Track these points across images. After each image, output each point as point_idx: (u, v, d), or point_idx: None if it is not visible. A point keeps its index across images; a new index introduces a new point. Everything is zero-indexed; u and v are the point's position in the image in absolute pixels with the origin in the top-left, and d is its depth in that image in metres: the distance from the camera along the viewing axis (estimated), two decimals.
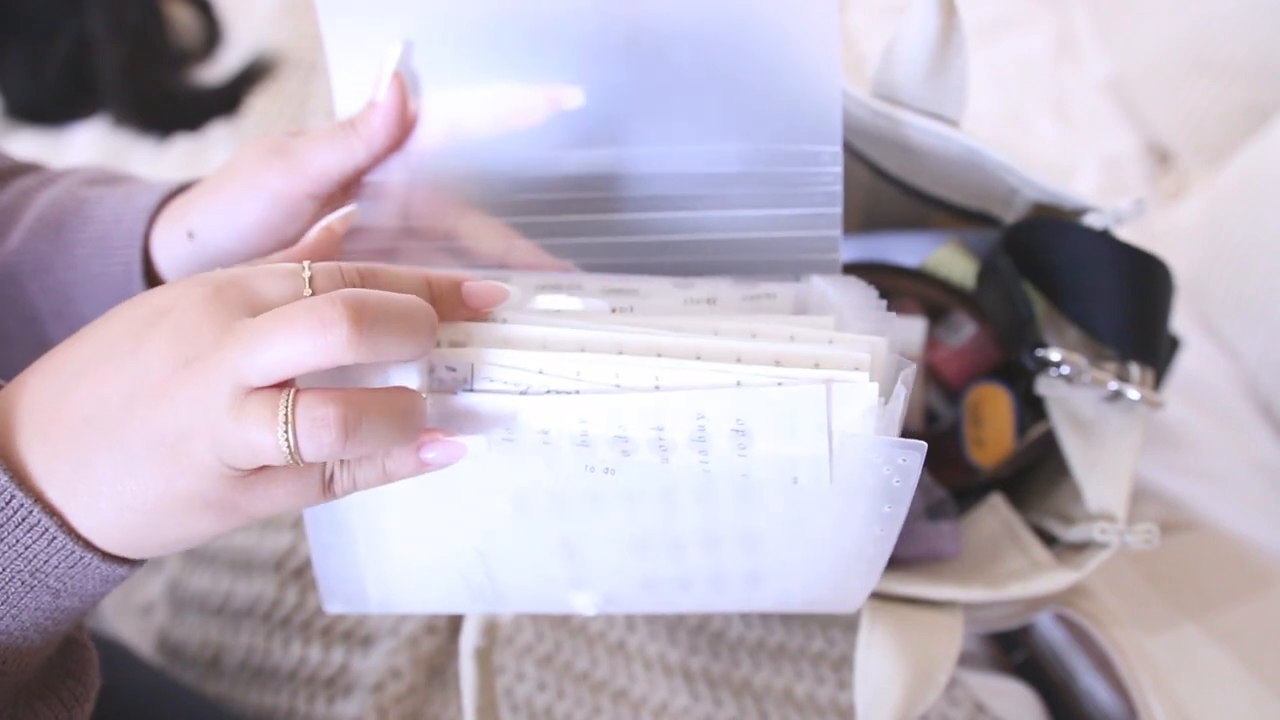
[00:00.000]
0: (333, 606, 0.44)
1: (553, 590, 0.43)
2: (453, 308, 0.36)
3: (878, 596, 0.48)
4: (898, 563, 0.54)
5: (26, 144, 1.05)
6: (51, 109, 1.06)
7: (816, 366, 0.35)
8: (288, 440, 0.30)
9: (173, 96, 1.07)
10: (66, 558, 0.33)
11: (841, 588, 0.42)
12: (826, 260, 0.45)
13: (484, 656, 0.49)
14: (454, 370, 0.35)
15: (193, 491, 0.32)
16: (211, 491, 0.32)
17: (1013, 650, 0.62)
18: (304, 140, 0.43)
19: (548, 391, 0.35)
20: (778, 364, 0.35)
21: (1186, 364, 0.80)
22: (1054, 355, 0.49)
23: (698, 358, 0.35)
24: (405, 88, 0.43)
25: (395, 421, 0.32)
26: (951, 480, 0.58)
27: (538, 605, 0.46)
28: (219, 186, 0.44)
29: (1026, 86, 1.10)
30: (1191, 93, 0.96)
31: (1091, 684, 0.58)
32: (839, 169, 0.44)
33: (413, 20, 0.44)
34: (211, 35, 1.17)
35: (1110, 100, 1.08)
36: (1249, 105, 0.92)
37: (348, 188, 0.46)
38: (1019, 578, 0.49)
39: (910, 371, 0.35)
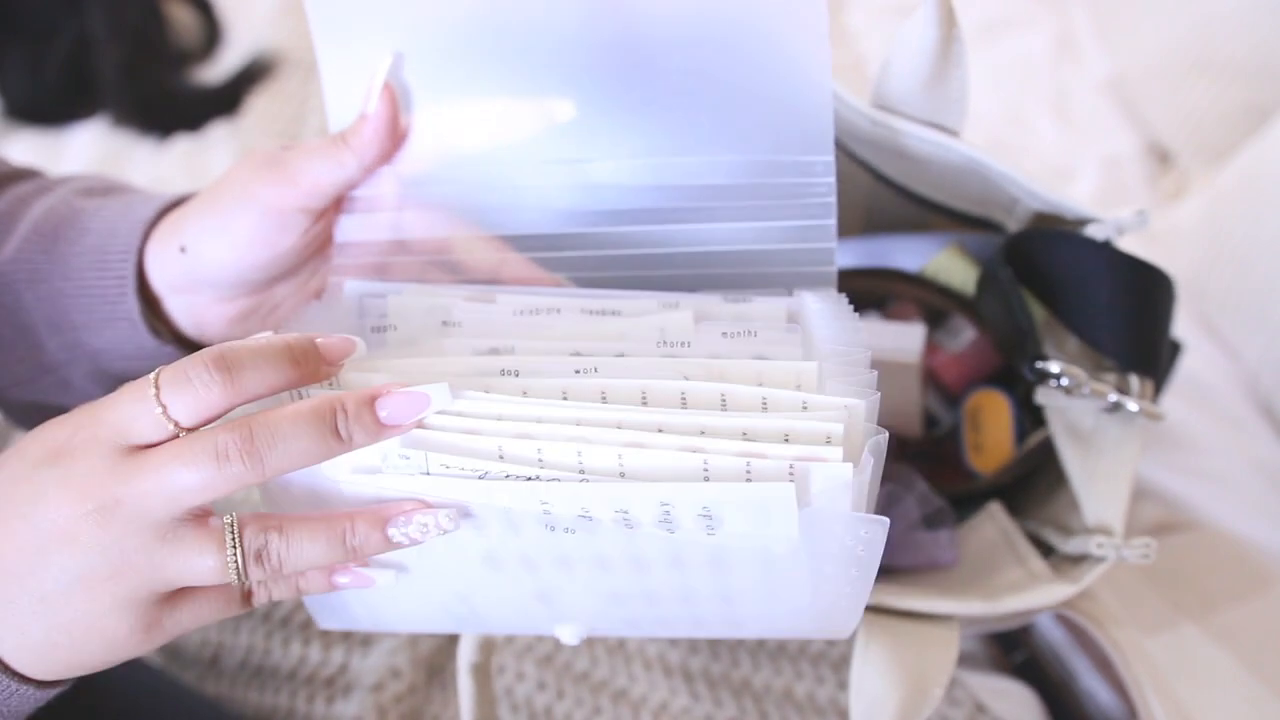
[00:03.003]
0: (326, 624, 0.45)
1: (536, 623, 0.43)
2: (316, 367, 0.36)
3: (873, 610, 0.48)
4: (895, 572, 0.54)
5: (26, 144, 1.05)
6: (51, 109, 1.06)
7: (786, 440, 0.34)
8: (236, 565, 0.34)
9: (173, 96, 1.08)
10: (2, 690, 0.35)
11: (824, 625, 0.42)
12: (821, 272, 0.45)
13: (481, 671, 0.49)
14: (408, 459, 0.35)
15: (117, 622, 0.34)
16: (135, 618, 0.34)
17: (1013, 650, 0.62)
18: (296, 153, 0.43)
19: (507, 476, 0.35)
20: (745, 436, 0.34)
21: (1187, 364, 0.80)
22: (1053, 367, 0.49)
23: (659, 430, 0.35)
24: (396, 99, 0.43)
25: (329, 550, 0.35)
26: (950, 486, 0.58)
27: (523, 632, 0.45)
28: (212, 200, 0.44)
29: (1026, 86, 1.10)
30: (1191, 93, 0.96)
31: (1092, 684, 0.58)
32: (832, 179, 0.44)
33: (404, 34, 0.43)
34: (211, 35, 1.17)
35: (1110, 100, 1.08)
36: (1249, 105, 0.92)
37: (340, 201, 0.45)
38: (1015, 590, 0.49)
39: (881, 440, 0.35)
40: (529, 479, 0.34)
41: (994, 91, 1.09)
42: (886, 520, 0.34)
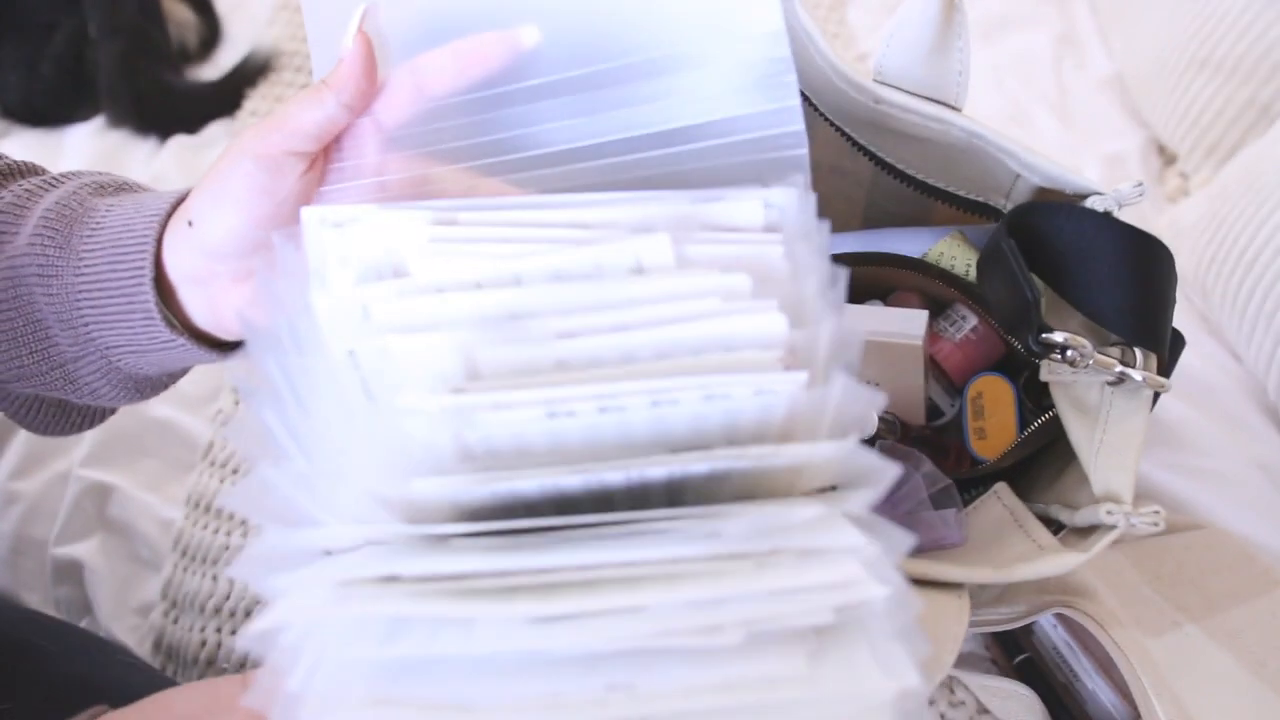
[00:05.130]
0: None
1: None
2: None
3: None
4: None
5: (24, 144, 1.04)
6: (48, 109, 1.06)
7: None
8: None
9: (170, 95, 1.07)
10: None
11: None
12: (792, 156, 0.43)
13: None
14: None
15: None
16: None
17: (1015, 652, 0.62)
18: (281, 105, 0.44)
19: None
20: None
21: (1188, 363, 0.80)
22: (1058, 337, 0.49)
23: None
24: (370, 40, 0.44)
25: None
26: (955, 472, 0.58)
27: None
28: (211, 171, 0.45)
29: (1028, 84, 1.10)
30: (1192, 91, 0.95)
31: (1094, 685, 0.58)
32: (788, 54, 0.43)
33: (398, 25, 0.44)
34: (210, 34, 1.17)
35: (1112, 98, 1.08)
36: (1251, 103, 0.92)
37: (328, 150, 0.46)
38: (1025, 559, 0.49)
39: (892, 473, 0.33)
40: None
41: (996, 90, 1.09)
42: None
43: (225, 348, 0.50)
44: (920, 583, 0.49)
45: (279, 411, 0.35)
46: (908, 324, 0.59)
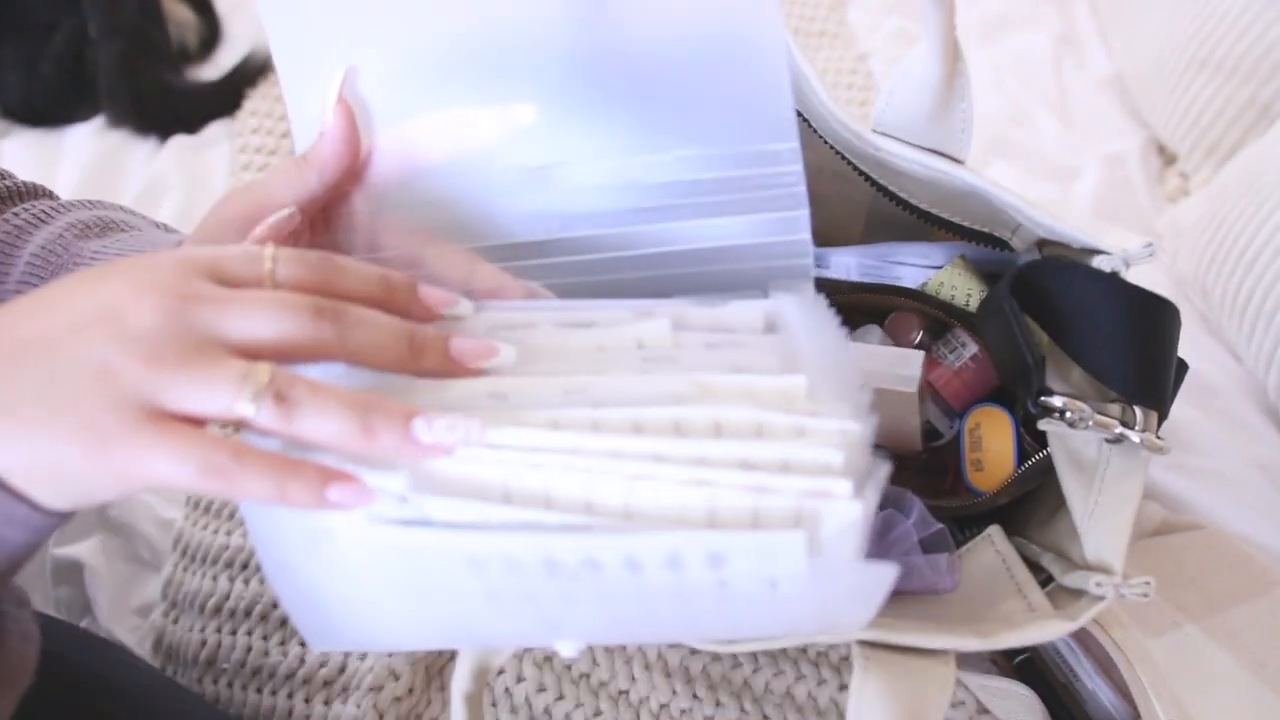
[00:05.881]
0: (319, 645, 0.43)
1: (535, 640, 0.42)
2: (406, 308, 0.37)
3: (869, 644, 0.47)
4: (893, 596, 0.53)
5: (24, 143, 1.04)
6: (48, 110, 1.06)
7: (785, 468, 0.34)
8: (254, 392, 0.32)
9: (170, 95, 1.07)
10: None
11: (828, 629, 0.41)
12: (797, 265, 0.44)
13: (474, 701, 0.48)
14: (405, 501, 0.34)
15: (97, 420, 0.31)
16: (114, 425, 0.31)
17: (1015, 651, 0.62)
18: (263, 178, 0.44)
19: (504, 524, 0.34)
20: (744, 466, 0.34)
21: (1188, 363, 0.80)
22: (1056, 401, 0.48)
23: (657, 460, 0.34)
24: (351, 111, 0.43)
25: (347, 422, 0.33)
26: (950, 499, 0.57)
27: (522, 645, 0.44)
28: (193, 243, 0.44)
29: (1028, 84, 1.10)
30: (1191, 91, 0.95)
31: (1094, 685, 0.58)
32: (799, 168, 0.42)
33: (366, 51, 0.43)
34: (210, 34, 1.17)
35: (1112, 98, 1.08)
36: (1251, 103, 0.92)
37: (313, 223, 0.45)
38: (1013, 626, 0.48)
39: (883, 471, 0.34)
40: (531, 526, 0.33)
41: (996, 90, 1.09)
42: (896, 567, 0.34)
43: None
44: (904, 649, 0.48)
45: None
46: (903, 365, 0.58)
